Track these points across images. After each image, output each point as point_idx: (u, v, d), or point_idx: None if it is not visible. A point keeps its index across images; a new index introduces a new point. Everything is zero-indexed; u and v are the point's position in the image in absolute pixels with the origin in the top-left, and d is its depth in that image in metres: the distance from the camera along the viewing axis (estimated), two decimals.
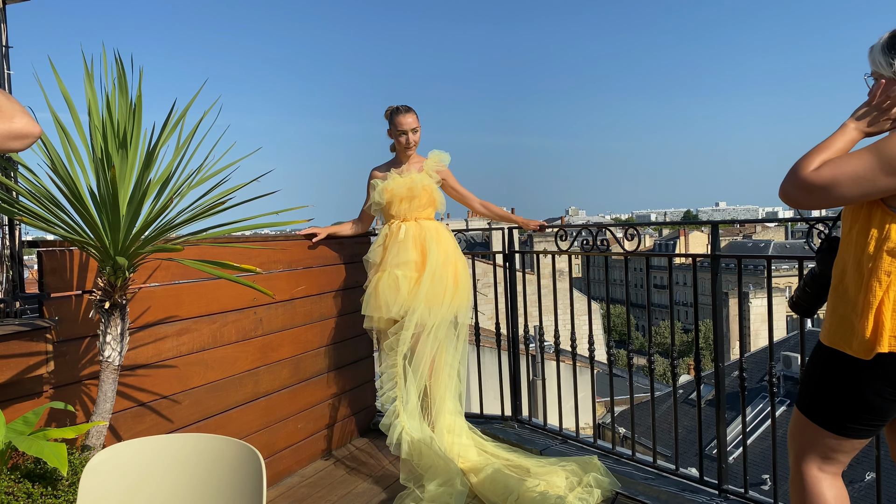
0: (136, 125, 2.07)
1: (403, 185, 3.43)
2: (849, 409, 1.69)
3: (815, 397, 1.77)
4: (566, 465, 3.13)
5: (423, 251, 3.37)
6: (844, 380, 1.68)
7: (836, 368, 1.70)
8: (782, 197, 1.63)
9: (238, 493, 1.49)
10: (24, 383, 2.17)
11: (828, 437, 1.74)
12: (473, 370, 4.43)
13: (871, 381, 1.64)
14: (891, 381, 1.62)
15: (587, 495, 2.92)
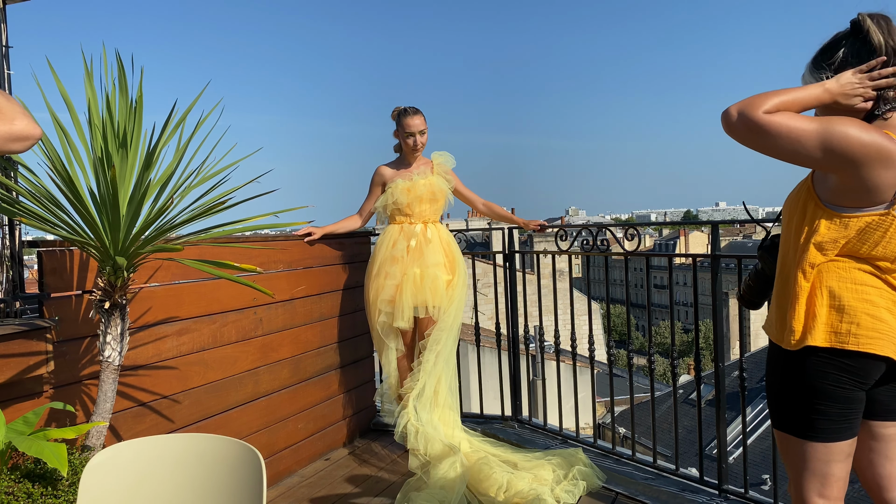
0: (137, 125, 2.07)
1: (426, 188, 3.47)
2: (812, 405, 1.63)
3: (781, 405, 1.71)
4: (552, 458, 3.21)
5: (450, 254, 3.47)
6: (796, 377, 1.65)
7: (790, 367, 1.67)
8: (723, 118, 1.57)
9: (238, 493, 1.49)
10: (24, 383, 2.17)
11: (811, 449, 1.66)
12: (473, 370, 4.43)
13: (815, 371, 1.62)
14: (836, 368, 1.60)
15: (573, 487, 2.99)
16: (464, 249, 4.01)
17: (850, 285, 1.61)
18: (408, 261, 3.41)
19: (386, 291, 3.43)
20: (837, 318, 1.60)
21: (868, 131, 1.51)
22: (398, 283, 3.40)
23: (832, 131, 1.50)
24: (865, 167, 1.51)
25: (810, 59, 1.70)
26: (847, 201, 1.57)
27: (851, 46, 1.63)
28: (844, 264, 1.63)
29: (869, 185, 1.53)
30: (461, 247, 3.96)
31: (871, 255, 1.60)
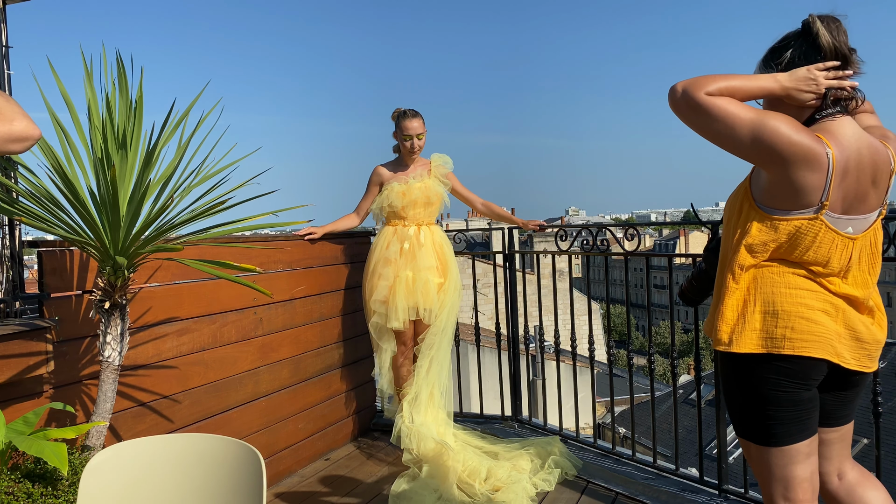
0: (137, 125, 2.07)
1: (421, 192, 3.54)
2: (763, 411, 1.63)
3: (736, 412, 1.71)
4: (529, 448, 3.36)
5: (441, 257, 3.54)
6: (741, 381, 1.66)
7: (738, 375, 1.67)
8: (670, 94, 1.59)
9: (238, 493, 1.49)
10: (24, 383, 2.17)
11: (770, 454, 1.65)
12: (473, 370, 4.43)
13: (756, 375, 1.63)
14: (777, 373, 1.60)
15: (549, 475, 3.16)
16: (464, 249, 4.02)
17: (784, 290, 1.61)
18: (400, 263, 3.47)
19: (379, 292, 3.49)
20: (773, 322, 1.60)
21: (799, 132, 1.51)
22: (391, 285, 3.47)
23: (765, 123, 1.51)
24: (791, 166, 1.52)
25: (761, 58, 1.71)
26: (777, 202, 1.58)
27: (800, 48, 1.63)
28: (778, 268, 1.63)
29: (795, 185, 1.54)
30: (461, 247, 3.99)
31: (802, 259, 1.61)
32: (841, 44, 1.60)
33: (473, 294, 4.06)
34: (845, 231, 1.59)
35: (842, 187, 1.55)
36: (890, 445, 15.73)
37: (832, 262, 1.60)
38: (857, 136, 1.58)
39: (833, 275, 1.62)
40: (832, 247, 1.59)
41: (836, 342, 1.61)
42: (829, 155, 1.52)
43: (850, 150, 1.55)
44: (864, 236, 1.63)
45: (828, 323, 1.60)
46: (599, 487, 3.13)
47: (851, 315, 1.63)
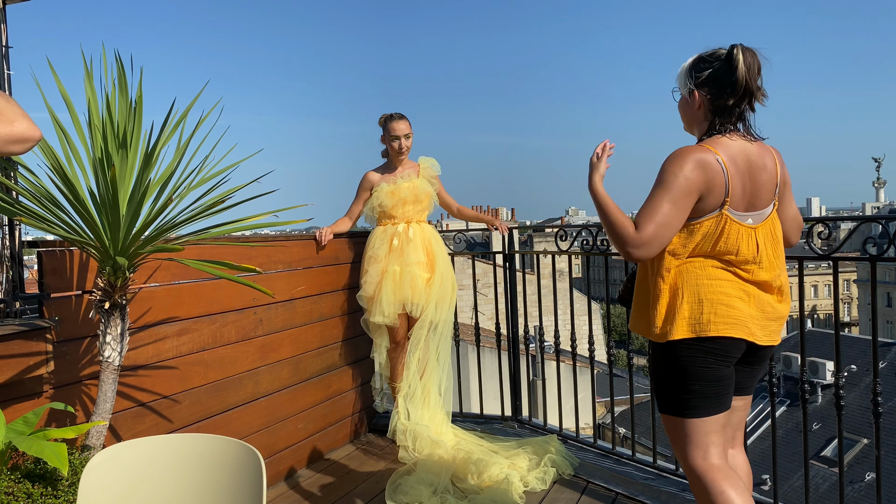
0: (136, 125, 2.07)
1: (410, 190, 3.63)
2: (687, 387, 1.87)
3: (662, 390, 1.95)
4: (526, 447, 3.39)
5: (430, 253, 3.61)
6: (670, 364, 1.90)
7: (666, 358, 1.90)
8: (634, 259, 1.88)
9: (238, 494, 1.49)
10: (24, 383, 2.17)
11: (689, 425, 1.89)
12: (473, 370, 4.43)
13: (684, 356, 1.87)
14: (703, 352, 1.85)
15: (544, 474, 3.18)
16: (464, 249, 4.03)
17: (705, 281, 1.86)
18: (389, 259, 3.56)
19: (364, 289, 3.59)
20: (698, 310, 1.84)
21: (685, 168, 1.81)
22: (378, 281, 3.54)
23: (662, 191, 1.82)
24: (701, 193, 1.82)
25: (691, 61, 1.94)
26: (692, 213, 1.85)
27: (718, 70, 1.87)
28: (700, 262, 1.88)
29: (703, 202, 1.83)
30: (461, 247, 4.01)
31: (717, 251, 1.86)
32: (751, 79, 1.85)
33: (473, 294, 4.07)
34: (746, 222, 1.86)
35: (740, 184, 1.84)
36: (890, 445, 15.73)
37: (742, 249, 1.85)
38: (741, 145, 1.87)
39: (747, 263, 1.87)
40: (739, 237, 1.85)
41: (750, 323, 1.86)
42: (719, 159, 1.81)
43: (735, 153, 1.85)
44: (764, 226, 1.90)
45: (743, 307, 1.86)
46: (599, 487, 3.13)
47: (762, 298, 1.90)
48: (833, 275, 2.58)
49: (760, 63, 1.86)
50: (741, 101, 1.87)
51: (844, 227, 11.05)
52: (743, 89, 1.84)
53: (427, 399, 3.50)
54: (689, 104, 1.95)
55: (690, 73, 1.92)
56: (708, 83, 1.88)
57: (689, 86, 1.92)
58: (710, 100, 1.89)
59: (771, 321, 1.92)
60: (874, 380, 2.45)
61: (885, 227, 2.34)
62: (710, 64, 1.89)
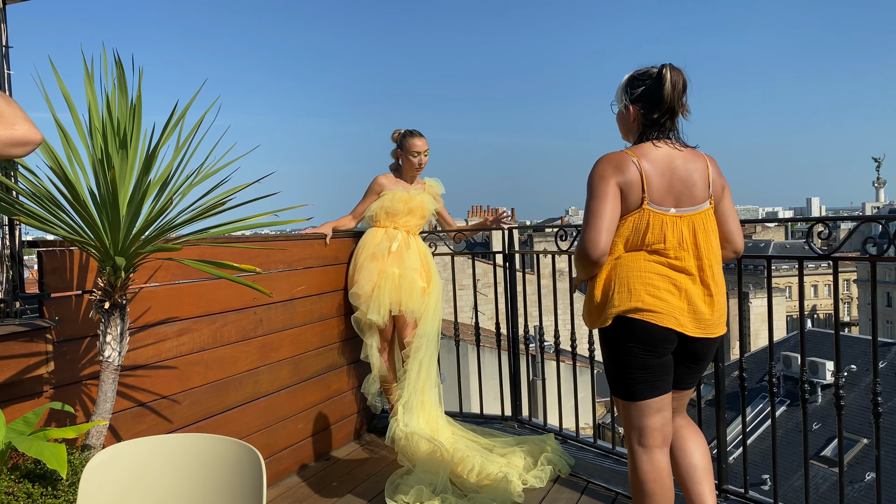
0: (136, 125, 2.06)
1: (419, 203, 3.73)
2: (621, 372, 2.08)
3: (608, 376, 2.15)
4: (523, 445, 3.43)
5: (426, 264, 3.68)
6: (608, 351, 2.11)
7: (604, 344, 2.12)
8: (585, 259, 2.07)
9: (238, 493, 1.49)
10: (24, 383, 2.17)
11: (629, 407, 2.10)
12: (473, 370, 4.43)
13: (619, 345, 2.06)
14: (632, 341, 2.03)
15: (542, 473, 3.21)
16: (464, 249, 4.04)
17: (636, 273, 2.03)
18: (389, 261, 3.59)
19: (360, 286, 3.60)
20: (627, 298, 2.01)
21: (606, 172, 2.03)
22: (375, 280, 3.57)
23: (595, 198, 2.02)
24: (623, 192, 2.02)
25: (627, 77, 2.14)
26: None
27: (650, 87, 2.07)
28: (632, 256, 2.05)
29: (625, 200, 2.02)
30: (461, 247, 4.03)
31: (646, 243, 2.03)
32: (676, 97, 2.06)
33: (473, 294, 4.07)
34: (669, 212, 2.03)
35: (660, 183, 2.02)
36: (890, 445, 15.73)
37: (668, 237, 2.02)
38: (662, 150, 2.06)
39: (675, 249, 2.02)
40: (663, 226, 2.02)
41: (679, 315, 2.01)
42: (635, 161, 2.02)
43: (657, 157, 2.04)
44: (694, 216, 2.06)
45: (670, 299, 2.01)
46: (599, 487, 3.13)
47: (691, 291, 2.03)
48: (833, 275, 2.59)
49: (686, 81, 2.07)
50: (664, 116, 2.08)
51: (844, 227, 11.05)
52: (668, 105, 2.05)
53: (424, 402, 3.53)
54: (625, 117, 2.16)
55: (626, 90, 2.12)
56: (641, 99, 2.10)
57: (625, 101, 2.13)
58: (644, 114, 2.10)
59: (698, 314, 2.04)
60: (874, 380, 2.45)
61: (885, 227, 2.34)
62: (642, 82, 2.09)
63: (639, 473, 2.11)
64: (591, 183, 2.05)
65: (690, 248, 2.04)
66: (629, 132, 2.18)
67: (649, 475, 2.09)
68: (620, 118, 2.19)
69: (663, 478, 2.11)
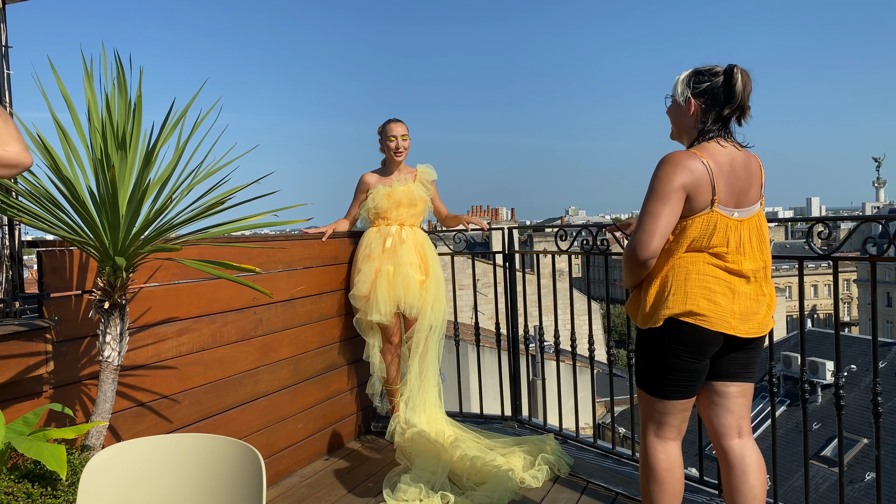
0: (136, 125, 2.06)
1: (405, 194, 3.69)
2: (659, 372, 2.11)
3: (640, 370, 2.20)
4: (523, 445, 3.43)
5: (423, 256, 3.66)
6: (650, 349, 2.13)
7: (644, 343, 2.15)
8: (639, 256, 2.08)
9: (238, 493, 1.49)
10: (24, 383, 2.17)
11: (655, 402, 2.15)
12: (473, 370, 4.43)
13: (664, 345, 2.08)
14: (679, 343, 2.05)
15: (539, 473, 3.23)
16: (463, 249, 4.03)
17: (694, 276, 2.04)
18: (383, 258, 3.60)
19: (358, 288, 3.62)
20: (682, 301, 2.02)
21: (675, 172, 2.00)
22: (372, 280, 3.57)
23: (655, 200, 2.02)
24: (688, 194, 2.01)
25: (690, 71, 2.13)
26: (685, 212, 2.04)
27: (715, 84, 2.08)
28: (692, 258, 2.05)
29: (694, 200, 2.02)
30: (461, 247, 4.01)
31: (710, 245, 2.04)
32: (746, 96, 2.08)
33: (473, 294, 4.06)
34: (733, 216, 2.05)
35: (726, 184, 2.03)
36: (890, 445, 15.74)
37: (731, 241, 2.04)
38: (727, 150, 2.07)
39: (734, 253, 2.04)
40: (728, 229, 2.04)
41: (731, 318, 2.04)
42: (705, 162, 2.01)
43: (721, 157, 2.05)
44: (750, 220, 2.08)
45: (725, 303, 2.03)
46: (599, 487, 3.13)
47: (746, 296, 2.06)
48: (833, 275, 2.58)
49: (751, 84, 2.10)
50: (734, 114, 2.10)
51: (844, 227, 11.04)
52: (738, 103, 2.07)
53: (425, 401, 3.53)
54: (682, 111, 2.15)
55: (689, 83, 2.12)
56: (704, 94, 2.09)
57: (687, 94, 2.11)
58: (704, 110, 2.10)
59: (750, 317, 2.08)
60: (874, 379, 2.45)
61: (885, 226, 2.34)
62: (708, 78, 2.09)
63: (652, 461, 2.16)
64: (654, 182, 2.03)
65: (747, 251, 2.06)
66: (684, 127, 2.16)
67: (663, 464, 2.15)
68: (676, 111, 2.17)
69: (675, 468, 2.16)
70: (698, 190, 2.00)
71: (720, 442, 2.20)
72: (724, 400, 2.17)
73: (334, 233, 3.73)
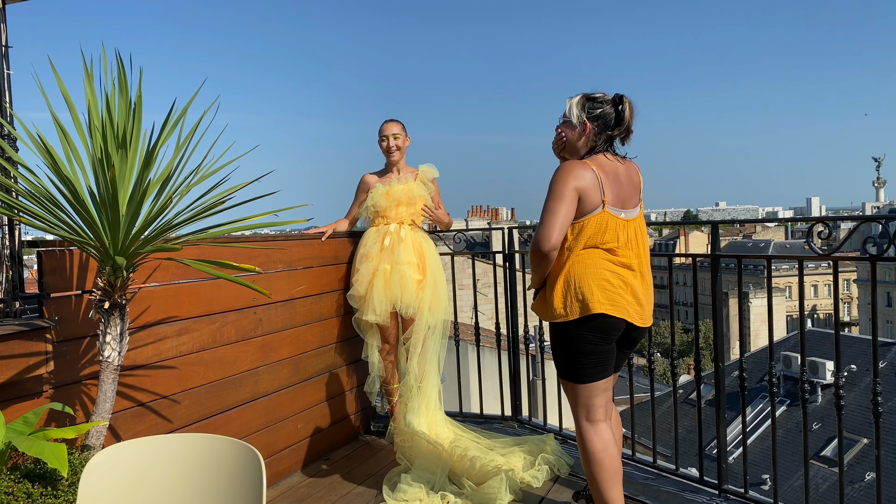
0: (136, 125, 2.06)
1: (404, 192, 3.68)
2: (575, 359, 2.36)
3: (558, 362, 2.44)
4: (523, 445, 3.43)
5: (421, 256, 3.64)
6: (562, 340, 2.39)
7: (559, 333, 2.39)
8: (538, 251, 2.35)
9: (238, 493, 1.49)
10: (24, 383, 2.17)
11: (579, 388, 2.39)
12: (473, 370, 4.43)
13: (576, 334, 2.32)
14: (588, 330, 2.31)
15: (538, 473, 3.24)
16: (463, 249, 4.03)
17: (593, 270, 2.31)
18: (381, 257, 3.59)
19: (355, 288, 3.61)
20: (589, 293, 2.29)
21: (569, 177, 2.30)
22: (369, 280, 3.57)
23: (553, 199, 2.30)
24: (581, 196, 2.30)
25: (581, 96, 2.42)
26: (579, 213, 2.32)
27: (606, 111, 2.40)
28: (589, 253, 2.33)
29: (587, 201, 2.31)
30: (461, 247, 4.01)
31: (603, 241, 2.32)
32: (631, 121, 2.42)
33: (473, 294, 4.06)
34: (621, 216, 2.36)
35: (612, 189, 2.34)
36: (890, 445, 15.73)
37: (620, 237, 2.34)
38: (612, 163, 2.40)
39: (623, 248, 2.34)
40: (617, 227, 2.34)
41: (628, 307, 2.33)
42: (594, 170, 2.32)
43: (608, 168, 2.36)
44: (634, 220, 2.41)
45: (623, 293, 2.32)
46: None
47: (634, 284, 2.36)
48: (833, 275, 2.59)
49: (633, 107, 2.41)
50: (620, 135, 2.42)
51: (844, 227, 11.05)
52: (625, 127, 2.41)
53: (425, 403, 3.52)
54: (578, 132, 2.43)
55: (583, 108, 2.41)
56: (597, 119, 2.40)
57: (583, 118, 2.40)
58: (596, 132, 2.41)
59: (641, 305, 2.37)
60: (874, 379, 2.45)
61: (885, 226, 2.34)
62: (600, 104, 2.41)
63: (588, 445, 2.40)
64: (552, 186, 2.33)
65: (633, 247, 2.37)
66: (577, 145, 2.45)
67: (598, 446, 2.39)
68: (570, 130, 2.45)
69: (610, 447, 2.40)
70: (589, 193, 2.30)
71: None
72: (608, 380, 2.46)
73: (334, 233, 3.73)
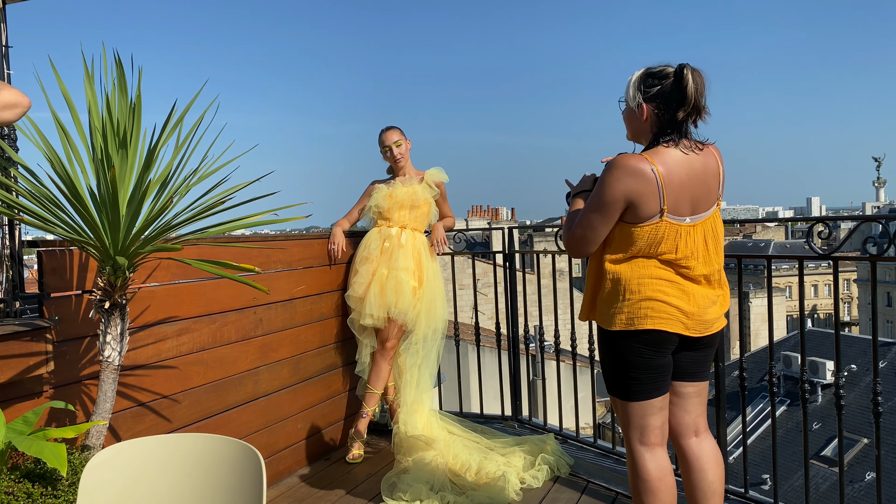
0: (136, 125, 2.06)
1: (407, 195, 3.66)
2: (626, 374, 2.09)
3: (608, 376, 2.17)
4: (523, 445, 3.42)
5: (419, 262, 3.62)
6: (612, 352, 2.12)
7: (610, 346, 2.12)
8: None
9: (238, 493, 1.49)
10: (24, 383, 2.17)
11: (631, 407, 2.11)
12: (473, 370, 4.43)
13: (628, 346, 2.06)
14: (640, 343, 2.05)
15: (539, 473, 3.22)
16: (464, 249, 4.03)
17: (647, 280, 2.02)
18: (380, 261, 3.57)
19: (353, 289, 3.60)
20: (637, 306, 2.02)
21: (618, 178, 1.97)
22: (367, 282, 3.55)
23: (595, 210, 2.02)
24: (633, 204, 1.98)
25: (639, 74, 2.06)
26: (631, 218, 2.01)
27: (666, 87, 2.00)
28: (642, 262, 2.04)
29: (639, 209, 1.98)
30: (461, 247, 4.00)
31: (658, 252, 2.02)
32: (699, 96, 2.00)
33: (473, 294, 4.07)
34: (684, 222, 2.02)
35: (679, 193, 1.98)
36: (890, 445, 15.73)
37: (680, 247, 2.01)
38: (683, 158, 2.00)
39: (686, 259, 2.02)
40: (677, 237, 2.01)
41: (685, 318, 2.03)
42: (654, 170, 1.96)
43: (675, 165, 1.98)
44: (705, 223, 2.05)
45: (680, 304, 2.02)
46: (599, 487, 3.13)
47: (699, 293, 2.05)
48: (833, 274, 2.59)
49: (705, 83, 2.01)
50: (689, 117, 2.02)
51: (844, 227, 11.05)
52: (692, 106, 1.99)
53: (420, 407, 3.54)
54: (636, 116, 2.08)
55: (640, 87, 2.05)
56: (656, 98, 2.02)
57: (639, 99, 2.04)
58: (658, 114, 2.03)
59: (705, 320, 2.08)
60: (874, 379, 2.45)
61: (885, 226, 2.34)
62: (659, 81, 2.02)
63: (642, 472, 2.11)
64: (599, 186, 2.02)
65: (701, 255, 2.03)
66: (640, 131, 2.09)
67: (654, 473, 2.10)
68: (630, 116, 2.10)
69: (666, 475, 2.12)
70: (643, 200, 1.97)
71: (678, 441, 2.23)
72: (681, 400, 2.20)
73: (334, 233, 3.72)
